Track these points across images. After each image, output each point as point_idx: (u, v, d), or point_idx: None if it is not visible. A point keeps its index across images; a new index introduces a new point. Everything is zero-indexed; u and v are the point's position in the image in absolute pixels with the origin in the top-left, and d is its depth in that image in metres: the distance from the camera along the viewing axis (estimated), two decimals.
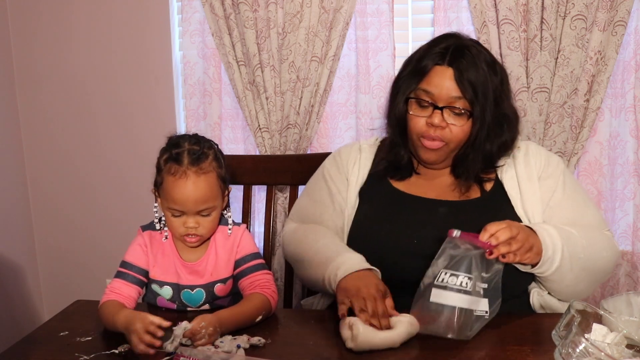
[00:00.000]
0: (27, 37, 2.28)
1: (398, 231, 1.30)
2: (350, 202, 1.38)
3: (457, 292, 1.07)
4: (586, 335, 0.89)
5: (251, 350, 1.07)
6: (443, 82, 1.25)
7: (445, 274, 1.09)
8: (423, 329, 1.08)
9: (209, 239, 1.28)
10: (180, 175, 1.18)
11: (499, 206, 1.30)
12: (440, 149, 1.29)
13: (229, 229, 1.29)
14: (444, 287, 1.08)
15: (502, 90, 1.30)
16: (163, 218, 1.27)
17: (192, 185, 1.18)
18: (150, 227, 1.30)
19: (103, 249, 2.36)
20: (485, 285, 1.11)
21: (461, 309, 1.07)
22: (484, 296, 1.10)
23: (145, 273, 1.28)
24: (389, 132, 1.40)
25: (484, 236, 1.11)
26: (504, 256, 1.11)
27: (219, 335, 1.08)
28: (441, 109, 1.25)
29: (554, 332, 1.00)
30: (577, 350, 0.87)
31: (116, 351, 1.08)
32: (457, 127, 1.26)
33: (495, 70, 1.30)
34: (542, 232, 1.18)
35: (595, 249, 1.25)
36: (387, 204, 1.36)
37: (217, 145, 1.28)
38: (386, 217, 1.34)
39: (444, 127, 1.26)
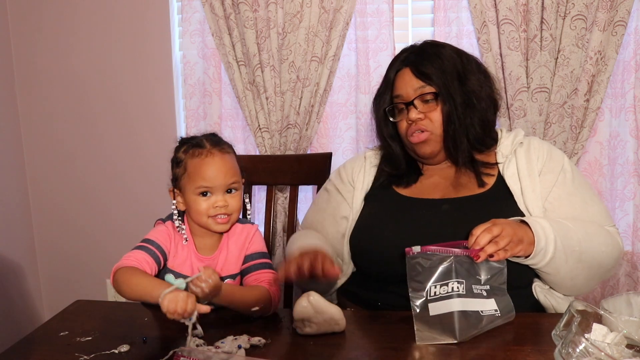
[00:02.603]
0: (27, 37, 2.28)
1: (402, 229, 1.33)
2: (355, 207, 1.43)
3: (452, 299, 1.08)
4: (586, 335, 0.89)
5: (251, 350, 1.07)
6: (405, 81, 1.38)
7: (435, 286, 1.09)
8: (432, 339, 1.07)
9: (223, 233, 1.30)
10: (206, 154, 1.24)
11: (502, 201, 1.32)
12: (428, 139, 1.36)
13: (248, 214, 1.36)
14: (438, 299, 1.08)
15: (465, 67, 1.36)
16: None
17: (220, 161, 1.24)
18: (170, 219, 1.32)
19: (103, 249, 2.36)
20: (487, 287, 1.12)
21: (460, 312, 1.08)
22: (489, 297, 1.11)
23: (165, 256, 1.27)
24: (381, 147, 1.49)
25: (470, 241, 1.13)
26: (491, 255, 1.12)
27: (211, 296, 1.08)
28: (411, 103, 1.35)
29: (554, 332, 1.00)
30: (577, 350, 0.87)
31: (116, 351, 1.08)
32: (432, 113, 1.35)
33: (455, 51, 1.39)
34: (534, 223, 1.20)
35: (593, 243, 1.26)
36: (392, 207, 1.40)
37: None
38: (390, 217, 1.37)
39: (422, 119, 1.35)
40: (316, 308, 1.10)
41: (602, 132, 2.01)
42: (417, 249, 1.11)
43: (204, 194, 1.24)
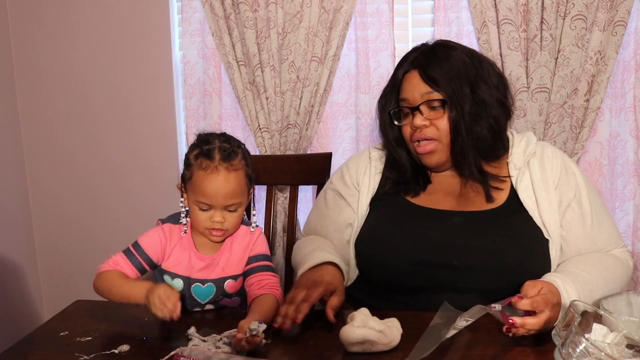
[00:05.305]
0: (27, 37, 2.28)
1: (410, 238, 1.29)
2: (361, 212, 1.38)
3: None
4: (586, 335, 0.89)
5: (251, 350, 1.07)
6: (412, 84, 1.31)
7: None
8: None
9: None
10: (212, 170, 1.21)
11: (516, 216, 1.27)
12: (435, 149, 1.31)
13: (252, 227, 1.33)
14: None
15: (477, 72, 1.29)
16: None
17: (223, 181, 1.21)
18: (169, 220, 1.32)
19: (103, 249, 2.34)
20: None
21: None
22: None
23: (152, 264, 1.30)
24: (386, 150, 1.43)
25: (524, 304, 1.04)
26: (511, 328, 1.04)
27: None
28: (417, 108, 1.29)
29: (554, 332, 1.00)
30: (577, 350, 0.87)
31: (116, 351, 1.08)
32: (438, 120, 1.29)
33: (467, 54, 1.32)
34: (565, 295, 1.12)
35: (613, 290, 1.23)
36: (400, 214, 1.34)
37: (244, 145, 1.31)
38: (398, 224, 1.32)
39: (428, 126, 1.29)
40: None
41: (602, 132, 2.01)
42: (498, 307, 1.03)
43: (202, 208, 1.24)
